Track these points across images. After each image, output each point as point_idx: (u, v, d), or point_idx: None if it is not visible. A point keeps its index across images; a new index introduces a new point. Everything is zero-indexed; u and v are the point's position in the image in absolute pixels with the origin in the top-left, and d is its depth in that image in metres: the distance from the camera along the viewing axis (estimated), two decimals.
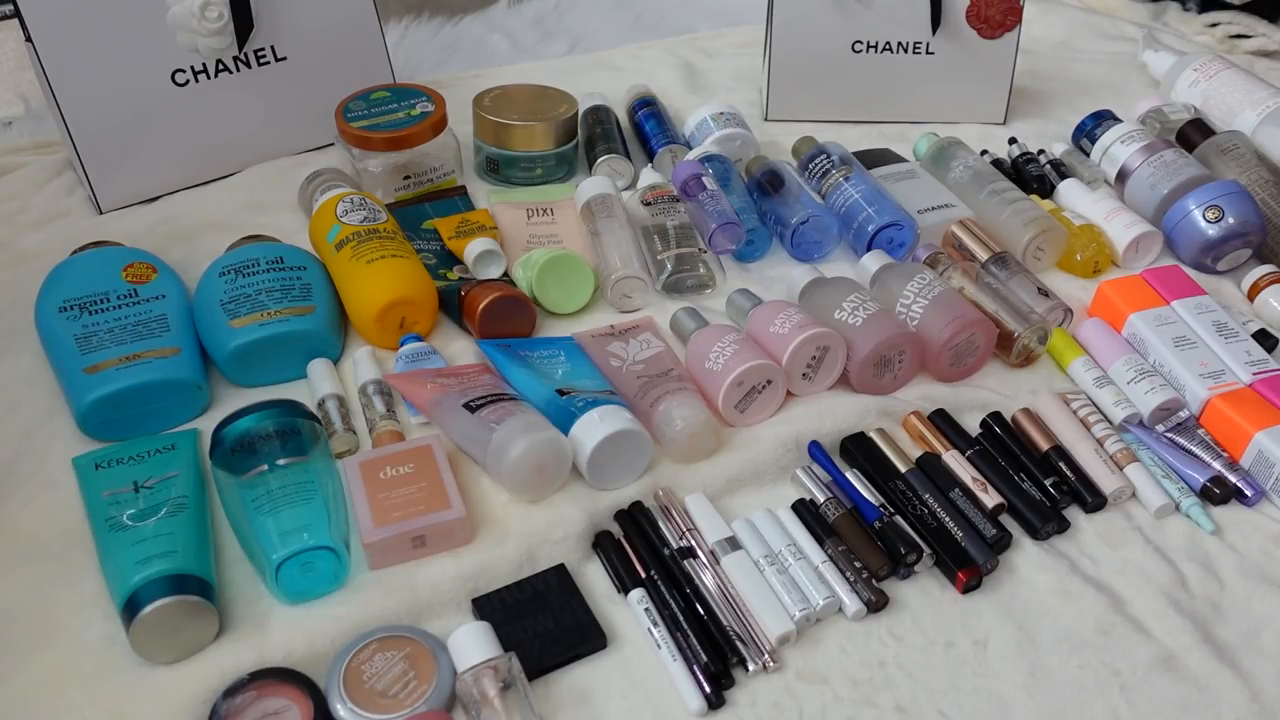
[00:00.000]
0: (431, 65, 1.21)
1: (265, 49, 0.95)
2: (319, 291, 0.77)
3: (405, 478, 0.65)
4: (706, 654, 0.58)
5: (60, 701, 0.56)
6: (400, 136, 0.90)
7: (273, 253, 0.79)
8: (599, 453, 0.66)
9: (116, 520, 0.61)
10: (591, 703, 0.57)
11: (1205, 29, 1.25)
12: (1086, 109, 1.04)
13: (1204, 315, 0.79)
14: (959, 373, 0.78)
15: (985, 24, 1.02)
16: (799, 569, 0.63)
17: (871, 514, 0.66)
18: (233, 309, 0.74)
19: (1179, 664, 0.60)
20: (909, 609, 0.62)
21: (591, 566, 0.64)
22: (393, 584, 0.62)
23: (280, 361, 0.74)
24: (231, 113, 0.95)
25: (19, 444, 0.71)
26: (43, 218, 0.93)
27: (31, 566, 0.63)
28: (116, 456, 0.66)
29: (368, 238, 0.80)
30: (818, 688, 0.58)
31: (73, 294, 0.74)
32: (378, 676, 0.56)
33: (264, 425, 0.66)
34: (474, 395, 0.69)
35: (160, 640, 0.57)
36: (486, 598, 0.61)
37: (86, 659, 0.58)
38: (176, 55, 0.91)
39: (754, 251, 0.89)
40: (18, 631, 0.59)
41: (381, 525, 0.62)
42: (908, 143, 1.03)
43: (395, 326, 0.78)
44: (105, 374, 0.69)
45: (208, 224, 0.91)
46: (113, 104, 0.90)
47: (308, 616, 0.60)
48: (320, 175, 0.90)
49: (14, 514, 0.66)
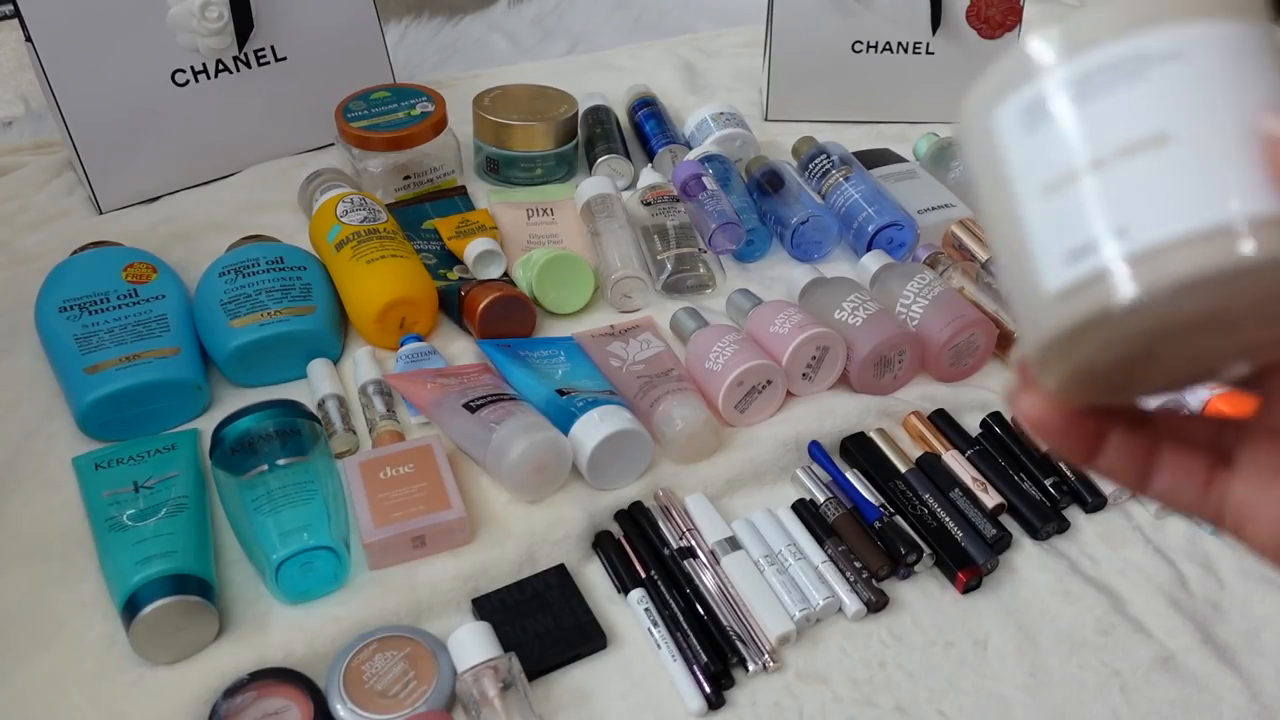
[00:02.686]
0: (431, 65, 1.21)
1: (265, 49, 0.95)
2: (319, 291, 0.77)
3: (405, 478, 0.65)
4: (706, 654, 0.58)
5: (60, 701, 0.56)
6: (400, 136, 0.90)
7: (273, 253, 0.79)
8: (599, 453, 0.66)
9: (116, 520, 0.61)
10: (591, 703, 0.57)
11: None
12: None
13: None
14: (959, 373, 0.78)
15: (985, 24, 1.02)
16: (799, 569, 0.63)
17: (871, 514, 0.66)
18: (233, 309, 0.74)
19: (1179, 664, 0.60)
20: (909, 609, 0.62)
21: (591, 566, 0.64)
22: (393, 584, 0.62)
23: (280, 361, 0.74)
24: (231, 113, 0.95)
25: (19, 444, 0.71)
26: (43, 218, 0.93)
27: (31, 566, 0.63)
28: (116, 456, 0.66)
29: (368, 238, 0.80)
30: (818, 688, 0.58)
31: (73, 294, 0.74)
32: (378, 676, 0.56)
33: (264, 425, 0.66)
34: (474, 395, 0.69)
35: (160, 640, 0.57)
36: (486, 598, 0.61)
37: (86, 659, 0.58)
38: (176, 55, 0.91)
39: (754, 251, 0.89)
40: (18, 631, 0.59)
41: (381, 525, 0.62)
42: (908, 143, 1.03)
43: (395, 326, 0.78)
44: (105, 374, 0.69)
45: (208, 224, 0.91)
46: (113, 104, 0.90)
47: (308, 616, 0.60)
48: (320, 175, 0.90)
49: (14, 514, 0.66)
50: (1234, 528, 0.31)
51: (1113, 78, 0.26)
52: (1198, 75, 0.26)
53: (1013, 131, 0.28)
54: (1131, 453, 0.31)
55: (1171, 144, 0.25)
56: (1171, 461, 0.31)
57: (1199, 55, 0.26)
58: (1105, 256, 0.26)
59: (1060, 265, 0.26)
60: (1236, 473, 0.31)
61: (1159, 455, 0.31)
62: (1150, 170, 0.26)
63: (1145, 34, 0.26)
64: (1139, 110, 0.26)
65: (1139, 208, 0.25)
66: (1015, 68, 0.27)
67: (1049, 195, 0.27)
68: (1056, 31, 0.27)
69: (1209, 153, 0.25)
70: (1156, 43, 0.26)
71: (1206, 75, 0.26)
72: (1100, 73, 0.26)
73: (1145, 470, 0.31)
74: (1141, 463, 0.31)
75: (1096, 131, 0.26)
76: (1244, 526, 0.30)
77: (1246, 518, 0.30)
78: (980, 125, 0.28)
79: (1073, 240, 0.26)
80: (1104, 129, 0.26)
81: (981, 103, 0.28)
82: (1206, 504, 0.31)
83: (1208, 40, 0.26)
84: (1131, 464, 0.31)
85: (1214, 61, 0.26)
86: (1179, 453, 0.31)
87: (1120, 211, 0.26)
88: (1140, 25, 0.26)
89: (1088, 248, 0.26)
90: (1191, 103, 0.26)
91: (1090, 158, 0.26)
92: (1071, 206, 0.26)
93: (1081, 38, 0.27)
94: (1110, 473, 0.31)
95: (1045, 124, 0.27)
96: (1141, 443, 0.31)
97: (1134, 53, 0.26)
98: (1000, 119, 0.28)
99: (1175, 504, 0.32)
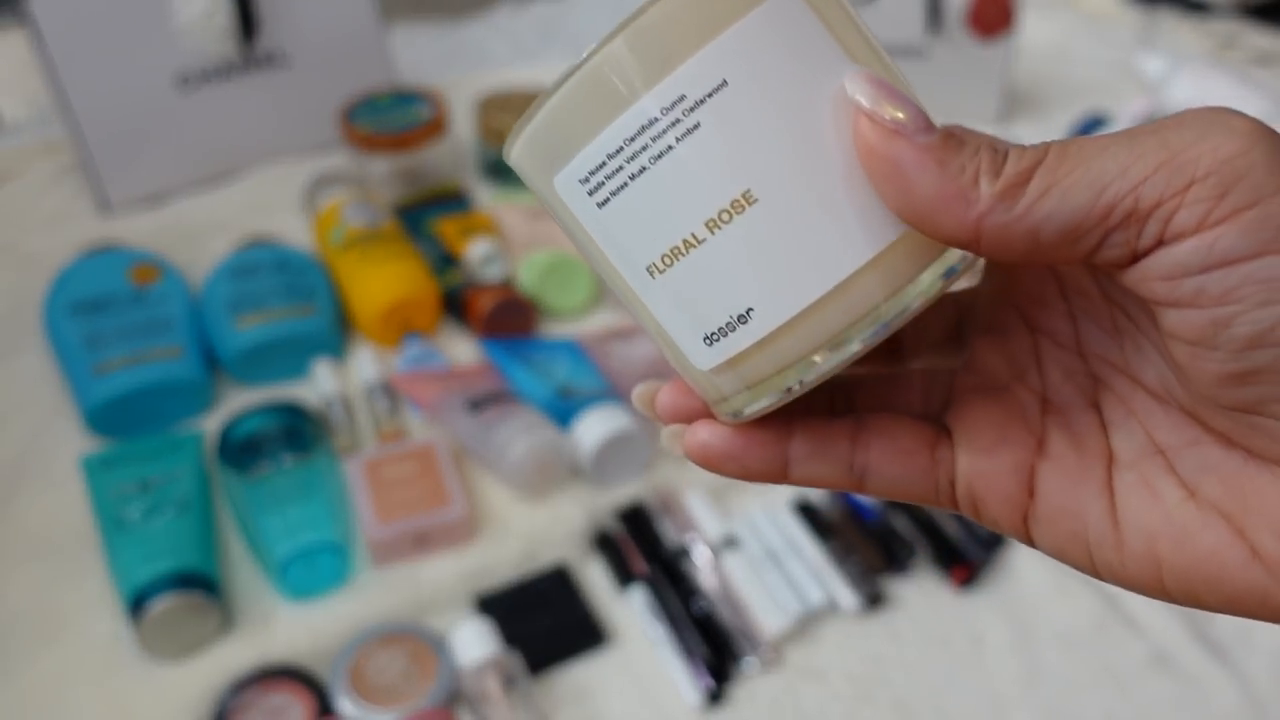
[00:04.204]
0: (434, 68, 1.22)
1: (270, 52, 0.96)
2: (323, 292, 0.78)
3: (408, 477, 0.65)
4: (706, 651, 0.59)
5: (67, 698, 0.57)
6: (403, 139, 0.91)
7: (277, 254, 0.79)
8: (600, 452, 0.66)
9: (123, 518, 0.62)
10: (592, 699, 0.58)
11: (1200, 34, 1.26)
12: (1082, 111, 1.05)
13: None
14: None
15: (981, 27, 1.03)
16: (798, 567, 0.63)
17: (869, 512, 0.67)
18: (238, 309, 0.74)
19: (1173, 661, 0.60)
20: (906, 606, 0.63)
21: (592, 564, 0.65)
22: (396, 582, 0.62)
23: (285, 361, 0.75)
24: (236, 116, 0.96)
25: (27, 443, 0.71)
26: (50, 220, 0.94)
27: (39, 564, 0.63)
28: (123, 455, 0.67)
29: (371, 239, 0.80)
30: (816, 684, 0.59)
31: (79, 295, 0.74)
32: (381, 673, 0.57)
33: (269, 425, 0.66)
34: (476, 395, 0.70)
35: (166, 637, 0.58)
36: (488, 595, 0.62)
37: (93, 656, 0.59)
38: (183, 58, 0.92)
39: None
40: (25, 628, 0.60)
41: (384, 523, 0.63)
42: None
43: (398, 327, 0.79)
44: (112, 374, 0.69)
45: (213, 225, 0.91)
46: (119, 107, 0.91)
47: (312, 614, 0.61)
48: (324, 177, 0.91)
49: (22, 512, 0.67)
50: (971, 510, 0.27)
51: (665, 133, 0.22)
52: (752, 99, 0.22)
53: (584, 205, 0.24)
54: (829, 452, 0.26)
55: (759, 201, 0.22)
56: (881, 447, 0.26)
57: (743, 74, 0.22)
58: (737, 345, 0.23)
59: (700, 348, 0.24)
60: (957, 445, 0.26)
61: (866, 443, 0.26)
62: (748, 237, 0.22)
63: (681, 70, 0.22)
64: (711, 169, 0.22)
65: (750, 284, 0.23)
66: (560, 126, 0.23)
67: (655, 277, 0.23)
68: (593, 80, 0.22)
69: (801, 198, 0.22)
70: (697, 76, 0.22)
71: (761, 96, 0.22)
72: (651, 129, 0.22)
73: (852, 466, 0.26)
74: (845, 459, 0.26)
75: (677, 204, 0.22)
76: (980, 506, 0.26)
77: (979, 495, 0.26)
78: (543, 185, 0.24)
79: (703, 326, 0.23)
80: (680, 201, 0.22)
81: (535, 162, 0.24)
82: (938, 490, 0.26)
83: (747, 46, 0.22)
84: (835, 465, 0.26)
85: (765, 68, 0.22)
86: (889, 434, 0.26)
87: (732, 294, 0.23)
88: (673, 59, 0.22)
89: (719, 332, 0.23)
90: (761, 141, 0.22)
91: (681, 236, 0.23)
92: (683, 291, 0.23)
93: (617, 99, 0.22)
94: (813, 481, 0.26)
95: (618, 204, 0.23)
96: (840, 435, 0.26)
97: (676, 96, 0.22)
98: (565, 190, 0.24)
99: (903, 496, 0.27)
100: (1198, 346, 0.21)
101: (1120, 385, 0.25)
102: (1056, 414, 0.26)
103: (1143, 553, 0.24)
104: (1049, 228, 0.21)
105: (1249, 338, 0.20)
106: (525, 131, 0.24)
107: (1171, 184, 0.20)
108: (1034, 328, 0.27)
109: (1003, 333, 0.27)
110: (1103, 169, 0.21)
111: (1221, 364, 0.21)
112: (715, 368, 0.24)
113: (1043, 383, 0.26)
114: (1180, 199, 0.20)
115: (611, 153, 0.22)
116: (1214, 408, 0.23)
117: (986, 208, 0.21)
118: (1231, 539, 0.23)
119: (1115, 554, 0.24)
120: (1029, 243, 0.21)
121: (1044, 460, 0.25)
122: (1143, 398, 0.25)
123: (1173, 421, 0.24)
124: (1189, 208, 0.20)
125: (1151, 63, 1.13)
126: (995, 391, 0.26)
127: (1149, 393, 0.25)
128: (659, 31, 0.22)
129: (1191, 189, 0.20)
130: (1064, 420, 0.26)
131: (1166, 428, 0.24)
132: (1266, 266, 0.20)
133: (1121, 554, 0.24)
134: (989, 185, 0.21)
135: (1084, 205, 0.21)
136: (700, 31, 0.22)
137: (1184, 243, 0.20)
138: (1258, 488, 0.23)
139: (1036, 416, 0.26)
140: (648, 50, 0.22)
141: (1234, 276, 0.20)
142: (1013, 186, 0.21)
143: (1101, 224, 0.21)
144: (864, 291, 0.22)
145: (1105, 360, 0.26)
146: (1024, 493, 0.26)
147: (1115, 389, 0.26)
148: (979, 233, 0.22)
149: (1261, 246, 0.20)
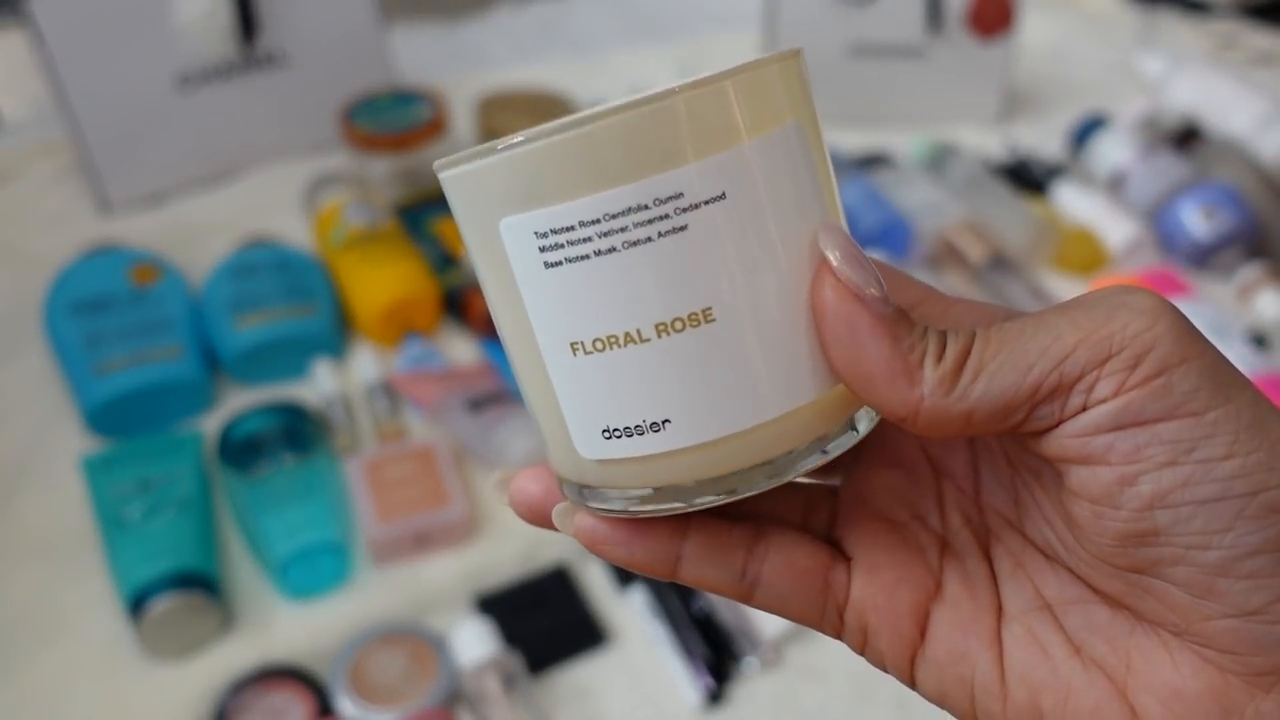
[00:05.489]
0: (434, 68, 1.22)
1: (270, 52, 0.96)
2: (323, 292, 0.78)
3: (408, 476, 0.66)
4: (706, 650, 0.59)
5: (67, 697, 0.57)
6: (403, 139, 0.91)
7: (277, 254, 0.79)
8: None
9: (123, 518, 0.62)
10: (593, 698, 0.58)
11: (1200, 34, 1.26)
12: (1082, 111, 1.05)
13: (1197, 316, 0.80)
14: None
15: (981, 27, 1.03)
16: None
17: None
18: (238, 309, 0.74)
19: None
20: None
21: (592, 564, 0.65)
22: (396, 581, 0.62)
23: (285, 361, 0.75)
24: (237, 115, 0.96)
25: (27, 443, 0.71)
26: (49, 220, 0.94)
27: (39, 564, 0.64)
28: (123, 455, 0.67)
29: (371, 239, 0.81)
30: (816, 684, 0.59)
31: (80, 295, 0.75)
32: (381, 673, 0.57)
33: (269, 425, 0.67)
34: (476, 395, 0.70)
35: (166, 637, 0.58)
36: (489, 595, 0.62)
37: (93, 655, 0.59)
38: (183, 58, 0.92)
39: None
40: (25, 628, 0.60)
41: (385, 523, 0.63)
42: (906, 144, 1.04)
43: (398, 327, 0.79)
44: (112, 374, 0.69)
45: (213, 225, 0.91)
46: (119, 107, 0.91)
47: (312, 613, 0.61)
48: (324, 177, 0.91)
49: (22, 512, 0.67)
50: (858, 641, 0.26)
51: (650, 224, 0.21)
52: (742, 220, 0.21)
53: (528, 258, 0.22)
54: (722, 558, 0.25)
55: (716, 322, 0.22)
56: (776, 561, 0.25)
57: (743, 192, 0.21)
58: (637, 449, 0.22)
59: (595, 436, 0.23)
60: (855, 575, 0.26)
61: (761, 555, 0.25)
62: (692, 353, 0.22)
63: (691, 168, 0.21)
64: (681, 275, 0.21)
65: (676, 398, 0.22)
66: (542, 171, 0.21)
67: (576, 355, 0.22)
68: (592, 148, 0.21)
69: (755, 332, 0.22)
70: (702, 179, 0.21)
71: (751, 219, 0.21)
72: (638, 214, 0.21)
73: (744, 575, 0.25)
74: (739, 567, 0.25)
75: (633, 297, 0.21)
76: (870, 638, 0.26)
77: (871, 628, 0.25)
78: (481, 218, 0.23)
79: (606, 419, 0.23)
80: (637, 295, 0.21)
81: (486, 193, 0.22)
82: (823, 616, 0.26)
83: (756, 165, 0.21)
84: (727, 571, 0.25)
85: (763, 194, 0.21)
86: (785, 551, 0.25)
87: (654, 401, 0.22)
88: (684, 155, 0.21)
89: (625, 431, 0.22)
90: (736, 264, 0.21)
91: (624, 329, 0.22)
92: (602, 380, 0.22)
93: (617, 171, 0.21)
94: (700, 583, 0.25)
95: (569, 272, 0.22)
96: (738, 542, 0.25)
97: (674, 192, 0.21)
98: (511, 235, 0.22)
99: (788, 614, 0.26)
100: (1101, 505, 0.22)
101: (1011, 540, 0.26)
102: (954, 559, 0.26)
103: (1026, 705, 0.24)
104: (982, 408, 0.23)
105: (1151, 496, 0.22)
106: (494, 159, 0.22)
107: (1092, 358, 0.22)
108: (938, 470, 0.27)
109: (909, 469, 0.27)
110: (1024, 350, 0.22)
111: (1123, 523, 0.22)
112: (600, 460, 0.23)
113: (943, 525, 0.27)
114: (1099, 371, 0.22)
115: (585, 221, 0.21)
116: (1106, 570, 0.23)
117: (929, 391, 0.23)
118: (1113, 698, 0.23)
119: (998, 704, 0.25)
120: (962, 422, 0.23)
121: (939, 604, 0.26)
122: (1032, 554, 0.26)
123: (1060, 580, 0.25)
124: (1107, 378, 0.22)
125: (1151, 63, 1.14)
126: (897, 527, 0.27)
127: (1038, 550, 0.26)
128: (689, 119, 0.21)
129: (1109, 361, 0.22)
130: (960, 566, 0.26)
131: (1054, 584, 0.25)
132: (1173, 430, 0.21)
133: (1004, 705, 0.25)
134: (933, 369, 0.23)
135: (1011, 385, 0.22)
136: (728, 134, 0.21)
137: (1102, 406, 0.22)
138: (1142, 650, 0.23)
139: (936, 559, 0.26)
140: (674, 134, 0.21)
141: (1143, 435, 0.22)
142: (950, 373, 0.23)
143: (1029, 399, 0.22)
144: (779, 436, 0.23)
145: (999, 514, 0.27)
146: (916, 633, 0.25)
147: (1005, 542, 0.26)
148: (918, 412, 0.23)
149: (1168, 411, 0.21)
